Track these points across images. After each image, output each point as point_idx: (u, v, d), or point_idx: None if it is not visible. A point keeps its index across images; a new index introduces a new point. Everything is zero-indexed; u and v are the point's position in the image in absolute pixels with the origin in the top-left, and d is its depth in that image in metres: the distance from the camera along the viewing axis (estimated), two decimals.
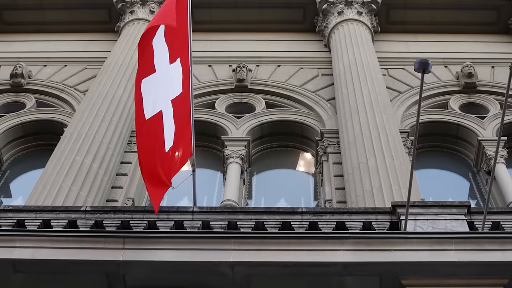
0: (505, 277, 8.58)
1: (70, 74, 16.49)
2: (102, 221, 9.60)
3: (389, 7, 17.93)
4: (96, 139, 12.89)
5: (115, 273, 8.67)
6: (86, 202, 11.39)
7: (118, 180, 12.93)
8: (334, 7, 17.43)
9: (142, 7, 17.69)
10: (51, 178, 11.75)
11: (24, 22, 18.24)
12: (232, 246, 8.76)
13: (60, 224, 9.60)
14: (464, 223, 9.49)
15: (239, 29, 17.84)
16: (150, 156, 9.29)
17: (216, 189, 13.73)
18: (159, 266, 8.65)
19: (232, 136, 14.38)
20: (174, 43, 10.16)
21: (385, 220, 9.68)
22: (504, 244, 8.72)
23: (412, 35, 17.70)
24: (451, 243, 8.73)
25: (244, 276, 8.65)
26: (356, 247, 8.72)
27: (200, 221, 9.57)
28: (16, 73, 16.04)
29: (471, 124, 14.67)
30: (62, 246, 8.78)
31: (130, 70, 15.02)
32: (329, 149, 13.69)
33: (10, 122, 15.02)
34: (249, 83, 15.95)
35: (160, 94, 9.78)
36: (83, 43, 17.66)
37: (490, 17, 17.96)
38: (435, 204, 9.79)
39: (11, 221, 9.66)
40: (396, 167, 11.85)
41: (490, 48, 17.30)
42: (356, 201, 11.45)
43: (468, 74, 15.77)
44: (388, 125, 13.11)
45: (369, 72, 14.82)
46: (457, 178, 14.18)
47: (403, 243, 8.76)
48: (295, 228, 9.53)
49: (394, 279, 8.60)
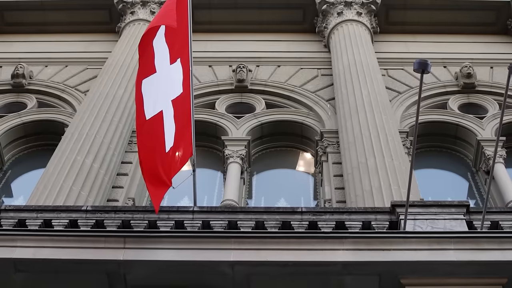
0: (504, 277, 8.57)
1: (71, 74, 16.48)
2: (103, 220, 9.60)
3: (389, 7, 17.92)
4: (97, 139, 12.88)
5: (116, 272, 8.66)
6: (87, 201, 11.38)
7: (119, 180, 12.92)
8: (333, 7, 17.41)
9: (142, 7, 17.68)
10: (52, 178, 11.74)
11: (25, 23, 18.22)
12: (232, 245, 8.75)
13: (61, 224, 9.60)
14: (463, 222, 9.48)
15: (239, 30, 17.82)
16: (150, 156, 9.28)
17: (216, 189, 13.71)
18: (160, 265, 8.65)
19: (232, 136, 14.37)
20: (175, 43, 10.14)
21: (385, 219, 9.67)
22: (503, 244, 8.71)
23: (411, 36, 17.68)
24: (450, 242, 8.72)
25: (244, 276, 8.64)
26: (355, 247, 8.71)
27: (201, 221, 9.57)
28: (17, 74, 16.03)
29: (470, 124, 14.65)
30: (63, 245, 8.77)
31: (131, 70, 15.01)
32: (329, 149, 13.68)
33: (12, 122, 15.01)
34: (249, 84, 15.93)
35: (161, 94, 9.76)
36: (84, 44, 17.65)
37: (489, 18, 17.94)
38: (434, 204, 9.79)
39: (13, 221, 9.67)
40: (395, 167, 11.84)
41: (489, 48, 17.29)
42: (355, 200, 11.45)
43: (467, 74, 15.75)
44: (388, 125, 13.10)
45: (369, 73, 14.81)
46: (456, 178, 14.17)
47: (402, 243, 8.75)
48: (295, 227, 9.52)
49: (394, 279, 8.59)
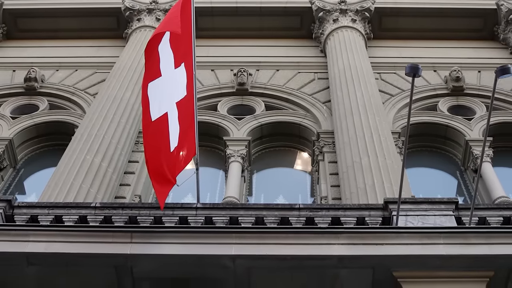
0: (491, 270, 8.60)
1: (80, 78, 16.48)
2: (111, 216, 9.62)
3: (382, 14, 17.92)
4: (105, 140, 12.89)
5: (123, 265, 8.68)
6: (95, 198, 11.39)
7: (126, 178, 12.93)
8: (329, 15, 17.42)
9: (148, 15, 17.69)
10: (62, 176, 11.75)
11: (38, 29, 18.22)
12: (234, 240, 8.77)
13: (72, 220, 9.62)
14: (452, 218, 9.50)
15: (240, 36, 17.83)
16: (156, 155, 9.29)
17: (218, 186, 13.72)
18: (165, 259, 8.66)
19: (233, 136, 14.38)
20: (179, 48, 10.15)
21: (378, 215, 9.69)
22: (490, 239, 8.73)
23: (403, 41, 17.68)
24: (440, 237, 8.74)
25: (245, 269, 8.65)
26: (350, 241, 8.72)
27: (203, 217, 9.58)
28: (30, 77, 16.04)
29: (459, 125, 14.65)
30: (73, 240, 8.79)
31: (138, 74, 15.02)
32: (325, 148, 13.69)
33: (24, 123, 15.02)
34: (250, 87, 15.93)
35: (166, 97, 9.77)
36: (93, 49, 17.65)
37: (476, 25, 17.94)
38: (425, 201, 9.80)
39: (25, 217, 9.69)
40: (388, 165, 11.85)
41: (477, 53, 17.29)
42: (350, 197, 11.45)
43: (456, 78, 15.75)
44: (381, 126, 13.10)
45: (363, 76, 14.81)
46: (446, 176, 14.17)
47: (394, 238, 8.77)
48: (293, 223, 9.53)
49: (386, 272, 8.60)
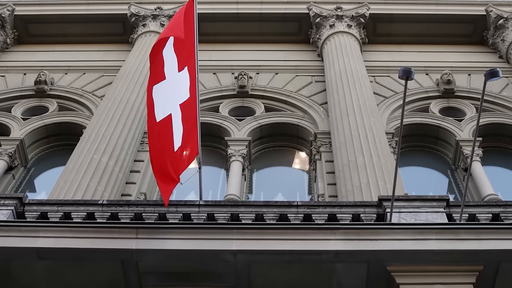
0: (480, 264, 8.60)
1: (88, 81, 16.48)
2: (117, 213, 9.64)
3: (376, 20, 17.92)
4: (112, 140, 12.90)
5: (129, 260, 8.68)
6: (103, 196, 11.39)
7: (132, 177, 12.93)
8: (326, 20, 17.42)
9: (153, 20, 17.69)
10: (71, 174, 11.75)
11: (47, 34, 18.21)
12: (235, 236, 8.77)
13: (80, 216, 9.63)
14: (444, 215, 9.51)
15: (240, 41, 17.82)
16: (160, 154, 9.30)
17: (220, 184, 13.72)
18: (169, 254, 8.66)
19: (234, 137, 14.37)
20: (182, 53, 10.16)
21: (372, 212, 9.70)
22: (479, 234, 8.74)
23: (397, 46, 17.67)
24: (431, 233, 8.74)
25: (245, 263, 8.65)
26: (346, 237, 8.73)
27: (206, 214, 9.59)
28: (40, 80, 16.04)
29: (450, 126, 14.65)
30: (82, 236, 8.79)
31: (143, 77, 15.02)
32: (322, 148, 13.69)
33: (35, 124, 15.03)
34: (250, 89, 15.93)
35: (170, 99, 9.78)
36: (101, 53, 17.64)
37: (467, 30, 17.94)
38: (417, 198, 9.81)
39: (36, 213, 9.71)
40: (382, 164, 11.86)
41: (467, 57, 17.28)
42: (346, 195, 11.46)
43: (447, 81, 15.75)
44: (375, 127, 13.10)
45: (358, 79, 14.81)
46: (437, 174, 14.17)
47: (388, 233, 8.77)
48: (291, 219, 9.54)
49: (380, 266, 8.61)
